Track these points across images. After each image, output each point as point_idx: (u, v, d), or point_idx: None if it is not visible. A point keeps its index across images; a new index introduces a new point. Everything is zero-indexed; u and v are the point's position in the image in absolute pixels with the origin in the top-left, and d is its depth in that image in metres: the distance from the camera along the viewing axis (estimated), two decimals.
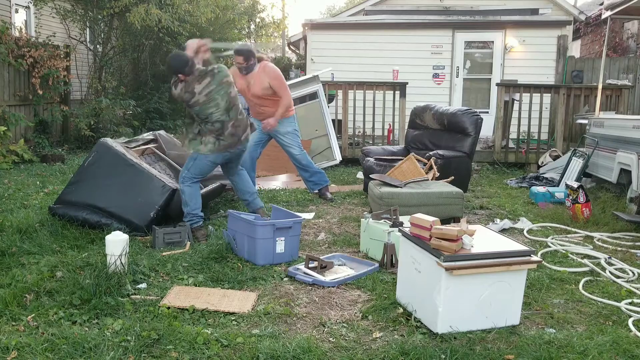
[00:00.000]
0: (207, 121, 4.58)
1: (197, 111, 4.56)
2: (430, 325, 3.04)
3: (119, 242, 3.63)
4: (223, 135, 4.63)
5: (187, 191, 4.68)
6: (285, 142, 6.03)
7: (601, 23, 13.30)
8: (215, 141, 4.62)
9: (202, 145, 4.61)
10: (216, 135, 4.61)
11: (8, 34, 8.59)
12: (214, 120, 4.57)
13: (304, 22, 11.61)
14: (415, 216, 3.21)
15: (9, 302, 3.21)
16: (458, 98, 11.45)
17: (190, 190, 4.69)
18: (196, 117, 4.62)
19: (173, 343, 2.81)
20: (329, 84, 9.26)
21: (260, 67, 5.71)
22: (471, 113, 6.51)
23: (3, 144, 8.03)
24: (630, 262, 4.29)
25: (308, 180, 6.28)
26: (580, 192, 5.44)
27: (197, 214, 4.70)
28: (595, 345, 2.85)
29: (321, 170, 6.35)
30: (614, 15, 7.59)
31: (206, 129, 4.60)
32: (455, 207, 5.14)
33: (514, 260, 3.06)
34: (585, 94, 9.16)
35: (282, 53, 23.71)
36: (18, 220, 4.75)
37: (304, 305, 3.39)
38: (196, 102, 4.51)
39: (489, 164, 9.04)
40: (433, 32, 11.23)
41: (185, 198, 4.68)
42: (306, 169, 6.19)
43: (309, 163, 6.20)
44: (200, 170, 4.70)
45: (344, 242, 4.70)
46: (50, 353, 2.69)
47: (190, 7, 11.40)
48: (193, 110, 4.56)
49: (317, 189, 6.32)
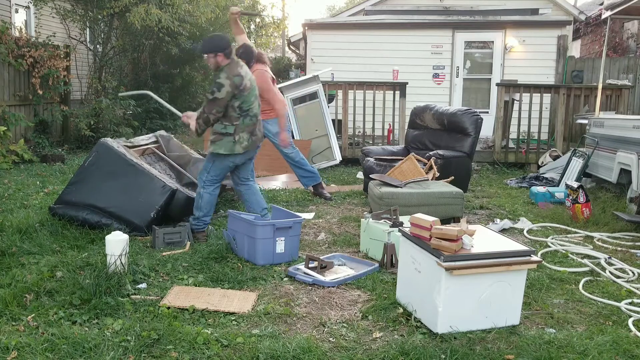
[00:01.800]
0: (247, 114, 4.40)
1: (243, 100, 4.34)
2: (430, 325, 3.04)
3: (119, 242, 3.63)
4: (255, 131, 4.50)
5: (206, 198, 4.53)
6: (277, 142, 6.11)
7: (601, 23, 13.30)
8: (249, 138, 4.46)
9: (237, 145, 4.41)
10: (250, 131, 4.46)
11: (8, 34, 8.59)
12: (254, 113, 4.44)
13: (304, 22, 11.60)
14: (415, 216, 3.21)
15: (9, 302, 3.21)
16: (458, 98, 11.44)
17: (210, 198, 4.55)
18: (237, 111, 4.37)
19: (173, 343, 2.81)
20: (329, 84, 9.26)
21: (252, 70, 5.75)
22: (471, 113, 6.51)
23: (3, 144, 8.03)
24: (630, 262, 4.29)
25: (302, 176, 6.38)
26: (580, 192, 5.44)
27: (207, 221, 4.63)
28: (595, 345, 2.85)
29: (314, 170, 6.44)
30: (614, 15, 7.59)
31: (244, 125, 4.40)
32: (455, 207, 5.14)
33: (514, 260, 3.06)
34: (585, 94, 9.16)
35: (282, 53, 23.72)
36: (18, 220, 4.76)
37: (304, 305, 3.39)
38: (245, 87, 4.34)
39: (489, 164, 9.04)
40: (433, 32, 11.23)
41: (202, 203, 4.54)
42: (299, 165, 6.29)
43: (301, 160, 6.29)
44: (221, 172, 4.55)
45: (344, 242, 4.70)
46: (50, 353, 2.69)
47: (190, 7, 11.39)
48: (239, 100, 4.32)
49: (311, 184, 6.39)
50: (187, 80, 14.62)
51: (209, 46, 4.36)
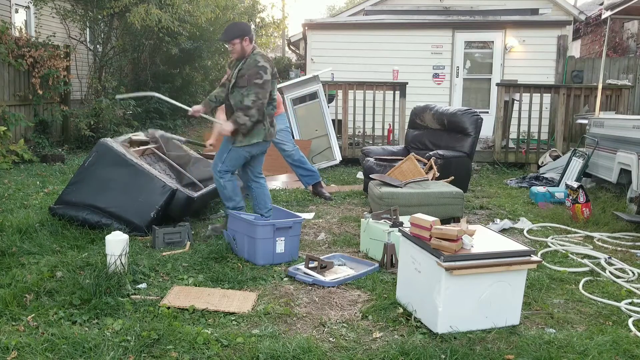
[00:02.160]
0: (271, 102, 4.39)
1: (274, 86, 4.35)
2: (430, 325, 3.04)
3: (119, 242, 3.63)
4: (273, 121, 4.49)
5: (229, 187, 4.47)
6: (277, 140, 6.12)
7: (601, 23, 13.30)
8: (270, 127, 4.43)
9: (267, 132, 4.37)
10: (270, 121, 4.43)
11: (8, 34, 8.58)
12: (274, 101, 4.43)
13: (304, 22, 11.61)
14: (415, 216, 3.21)
15: (9, 302, 3.21)
16: (458, 98, 11.44)
17: (231, 185, 4.48)
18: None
19: (173, 343, 2.81)
20: (329, 84, 9.26)
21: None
22: (471, 113, 6.51)
23: (3, 144, 8.03)
24: (630, 262, 4.29)
25: (302, 175, 6.40)
26: (580, 192, 5.44)
27: (243, 206, 4.56)
28: (595, 345, 2.85)
29: (314, 168, 6.48)
30: (614, 15, 7.59)
31: (267, 113, 4.37)
32: (455, 207, 5.14)
33: (514, 260, 3.06)
34: (585, 94, 9.16)
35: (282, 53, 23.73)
36: (18, 220, 4.76)
37: (304, 305, 3.39)
38: (275, 72, 4.36)
39: (489, 164, 9.04)
40: (433, 32, 11.23)
41: (229, 193, 4.48)
42: (298, 164, 6.31)
43: (301, 158, 6.32)
44: (236, 162, 4.47)
45: (344, 242, 4.70)
46: (50, 353, 2.69)
47: (190, 7, 11.39)
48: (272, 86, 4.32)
49: (311, 183, 6.42)
50: (187, 80, 14.63)
51: (236, 31, 4.30)
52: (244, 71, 4.32)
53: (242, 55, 4.36)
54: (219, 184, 4.50)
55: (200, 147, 6.91)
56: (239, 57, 4.39)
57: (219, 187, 4.53)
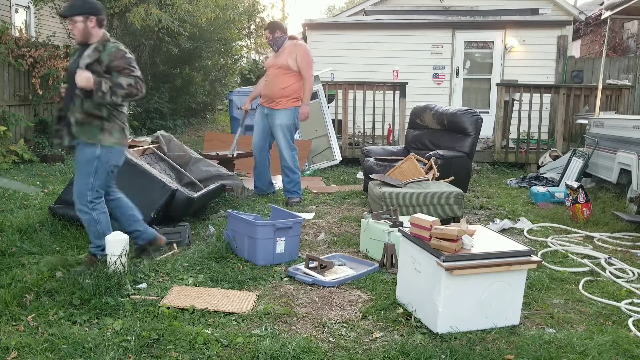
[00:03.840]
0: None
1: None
2: (430, 325, 3.04)
3: (119, 242, 3.63)
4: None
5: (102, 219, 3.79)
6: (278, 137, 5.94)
7: (601, 23, 13.30)
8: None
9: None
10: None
11: (8, 34, 8.59)
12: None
13: (304, 22, 11.61)
14: (415, 216, 3.21)
15: (9, 302, 3.20)
16: (458, 98, 11.45)
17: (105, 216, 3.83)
18: None
19: (173, 343, 2.81)
20: (329, 84, 9.26)
21: (291, 43, 5.92)
22: (471, 113, 6.51)
23: (3, 144, 8.03)
24: (630, 262, 4.29)
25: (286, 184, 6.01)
26: (580, 192, 5.44)
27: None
28: (595, 345, 2.85)
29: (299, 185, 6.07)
30: (614, 15, 7.59)
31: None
32: (455, 207, 5.14)
33: (514, 260, 3.05)
34: (585, 94, 9.17)
35: None
36: (18, 220, 4.75)
37: (304, 305, 3.39)
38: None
39: (489, 164, 9.04)
40: (433, 32, 11.23)
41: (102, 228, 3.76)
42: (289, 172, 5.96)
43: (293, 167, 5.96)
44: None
45: (344, 242, 4.70)
46: (50, 353, 2.68)
47: (190, 7, 11.40)
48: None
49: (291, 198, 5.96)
50: (187, 80, 14.63)
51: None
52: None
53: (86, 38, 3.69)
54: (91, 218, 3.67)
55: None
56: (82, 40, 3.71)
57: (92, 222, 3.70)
